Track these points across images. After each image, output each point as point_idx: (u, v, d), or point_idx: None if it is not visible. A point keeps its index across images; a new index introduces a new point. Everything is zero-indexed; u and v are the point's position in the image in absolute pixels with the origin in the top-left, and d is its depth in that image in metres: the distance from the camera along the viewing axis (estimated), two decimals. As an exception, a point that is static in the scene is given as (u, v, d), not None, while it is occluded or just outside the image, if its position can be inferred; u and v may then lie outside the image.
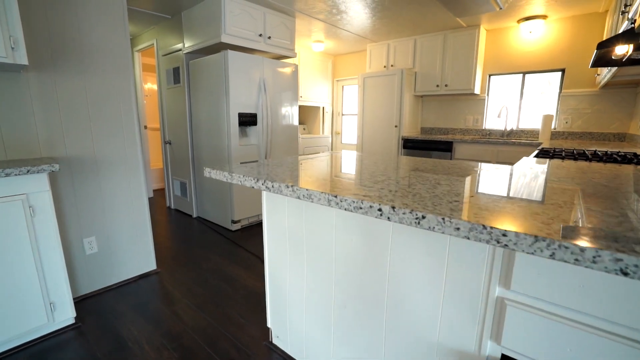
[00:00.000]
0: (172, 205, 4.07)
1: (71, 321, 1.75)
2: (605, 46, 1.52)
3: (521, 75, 3.85)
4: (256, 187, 1.02)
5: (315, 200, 0.85)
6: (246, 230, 3.25)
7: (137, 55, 4.25)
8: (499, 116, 3.78)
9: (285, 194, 0.93)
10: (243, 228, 3.32)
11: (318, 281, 1.30)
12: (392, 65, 4.44)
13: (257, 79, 3.20)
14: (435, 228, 0.65)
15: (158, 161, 5.19)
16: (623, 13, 1.79)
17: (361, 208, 0.76)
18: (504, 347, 0.81)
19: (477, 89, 3.97)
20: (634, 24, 1.50)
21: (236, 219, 3.22)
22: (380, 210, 0.72)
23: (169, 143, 3.90)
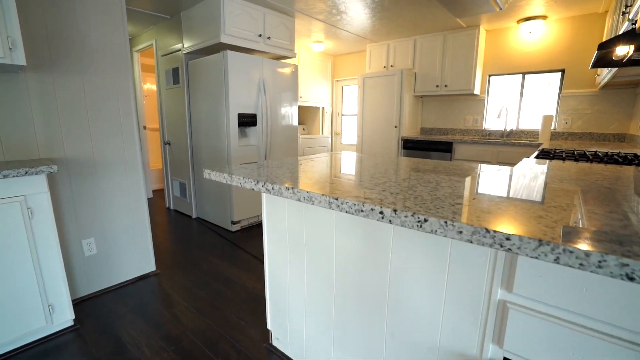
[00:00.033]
0: (172, 206, 4.05)
1: (70, 323, 1.74)
2: (606, 47, 1.51)
3: (521, 75, 3.85)
4: (256, 189, 1.01)
5: (316, 202, 0.85)
6: (246, 231, 3.25)
7: (136, 56, 4.24)
8: (498, 117, 3.78)
9: (286, 196, 0.92)
10: (243, 229, 3.31)
11: (318, 283, 1.30)
12: (392, 66, 4.44)
13: (257, 80, 3.20)
14: (438, 231, 0.64)
15: (157, 162, 5.17)
16: (624, 14, 1.79)
17: (362, 211, 0.75)
18: (506, 351, 0.80)
19: (477, 90, 3.97)
20: (635, 24, 1.50)
21: (236, 219, 3.21)
22: (381, 213, 0.72)
23: (169, 144, 3.89)
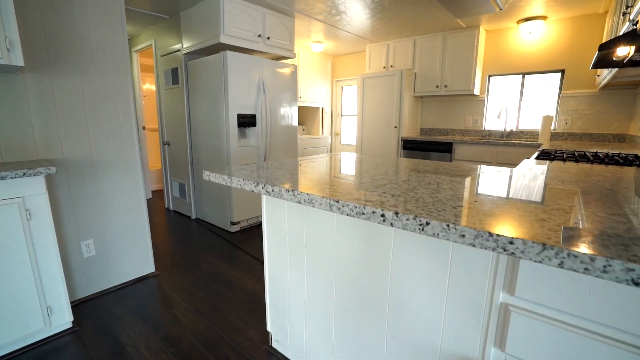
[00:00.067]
0: (171, 206, 4.04)
1: (68, 325, 1.73)
2: (607, 48, 1.51)
3: (521, 76, 3.84)
4: (256, 191, 1.00)
5: (316, 205, 0.84)
6: (245, 232, 3.24)
7: (135, 56, 4.23)
8: (498, 117, 3.78)
9: (286, 198, 0.92)
10: (242, 230, 3.30)
11: (319, 285, 1.29)
12: (392, 66, 4.43)
13: (256, 80, 3.19)
14: (440, 235, 0.64)
15: (156, 162, 5.16)
16: (624, 14, 1.78)
17: (363, 214, 0.74)
18: (508, 355, 0.79)
19: (477, 90, 3.97)
20: (636, 25, 1.50)
21: (235, 220, 3.20)
22: (383, 216, 0.71)
23: (168, 144, 3.88)
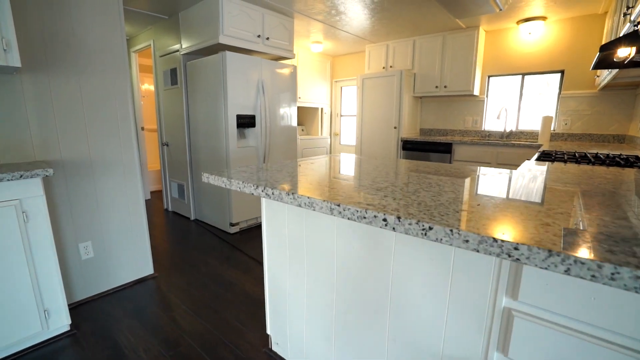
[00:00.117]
0: (170, 207, 4.03)
1: (66, 328, 1.72)
2: (608, 49, 1.50)
3: (520, 76, 3.84)
4: (256, 194, 0.99)
5: (317, 209, 0.83)
6: (245, 233, 3.22)
7: (134, 56, 4.21)
8: (498, 117, 3.77)
9: (286, 201, 0.90)
10: (242, 231, 3.29)
11: (319, 288, 1.28)
12: (391, 66, 4.42)
13: (256, 80, 3.18)
14: (443, 240, 0.63)
15: (155, 163, 5.14)
16: (625, 15, 1.78)
17: (365, 218, 0.73)
18: (511, 359, 0.79)
19: (477, 90, 3.96)
20: (637, 26, 1.49)
21: (234, 221, 3.19)
22: (385, 220, 0.70)
23: (167, 145, 3.86)
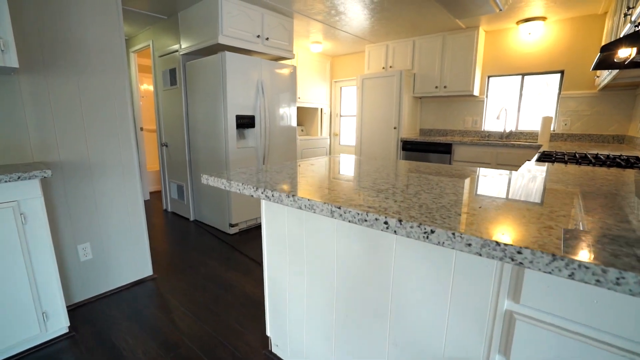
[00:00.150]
0: (169, 208, 4.02)
1: (65, 330, 1.70)
2: (609, 49, 1.50)
3: (520, 76, 3.84)
4: (255, 196, 0.98)
5: (317, 211, 0.82)
6: (244, 234, 3.21)
7: (133, 56, 4.20)
8: (498, 118, 3.77)
9: (286, 203, 0.90)
10: (241, 231, 3.28)
11: (319, 290, 1.27)
12: (391, 67, 4.42)
13: (255, 81, 3.17)
14: (445, 243, 0.62)
15: (154, 163, 5.13)
16: (625, 16, 1.77)
17: (366, 220, 0.73)
18: (514, 363, 0.78)
19: (476, 91, 3.96)
20: (638, 27, 1.49)
21: (234, 222, 3.18)
22: (386, 223, 0.69)
23: (166, 145, 3.85)
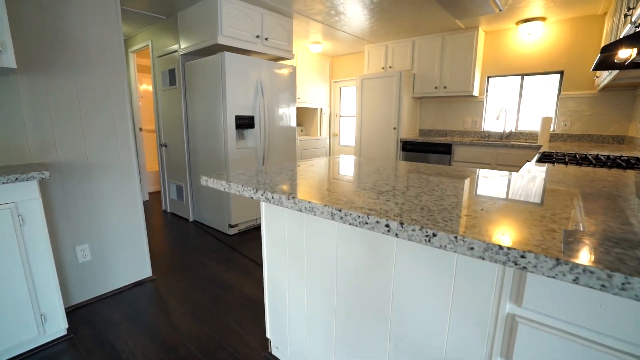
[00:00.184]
0: (168, 208, 4.00)
1: (63, 332, 1.69)
2: (610, 50, 1.49)
3: (520, 77, 3.84)
4: (255, 198, 0.98)
5: (317, 213, 0.81)
6: (244, 235, 3.20)
7: (132, 56, 4.18)
8: (497, 118, 3.77)
9: (286, 206, 0.89)
10: (240, 232, 3.27)
11: (319, 292, 1.26)
12: (391, 67, 4.41)
13: (255, 81, 3.16)
14: (447, 247, 0.61)
15: (154, 164, 5.11)
16: (626, 16, 1.77)
17: (367, 223, 0.72)
18: (516, 367, 0.77)
19: (476, 91, 3.96)
20: (639, 27, 1.48)
21: (233, 223, 3.17)
22: (388, 226, 0.69)
23: (165, 146, 3.84)
